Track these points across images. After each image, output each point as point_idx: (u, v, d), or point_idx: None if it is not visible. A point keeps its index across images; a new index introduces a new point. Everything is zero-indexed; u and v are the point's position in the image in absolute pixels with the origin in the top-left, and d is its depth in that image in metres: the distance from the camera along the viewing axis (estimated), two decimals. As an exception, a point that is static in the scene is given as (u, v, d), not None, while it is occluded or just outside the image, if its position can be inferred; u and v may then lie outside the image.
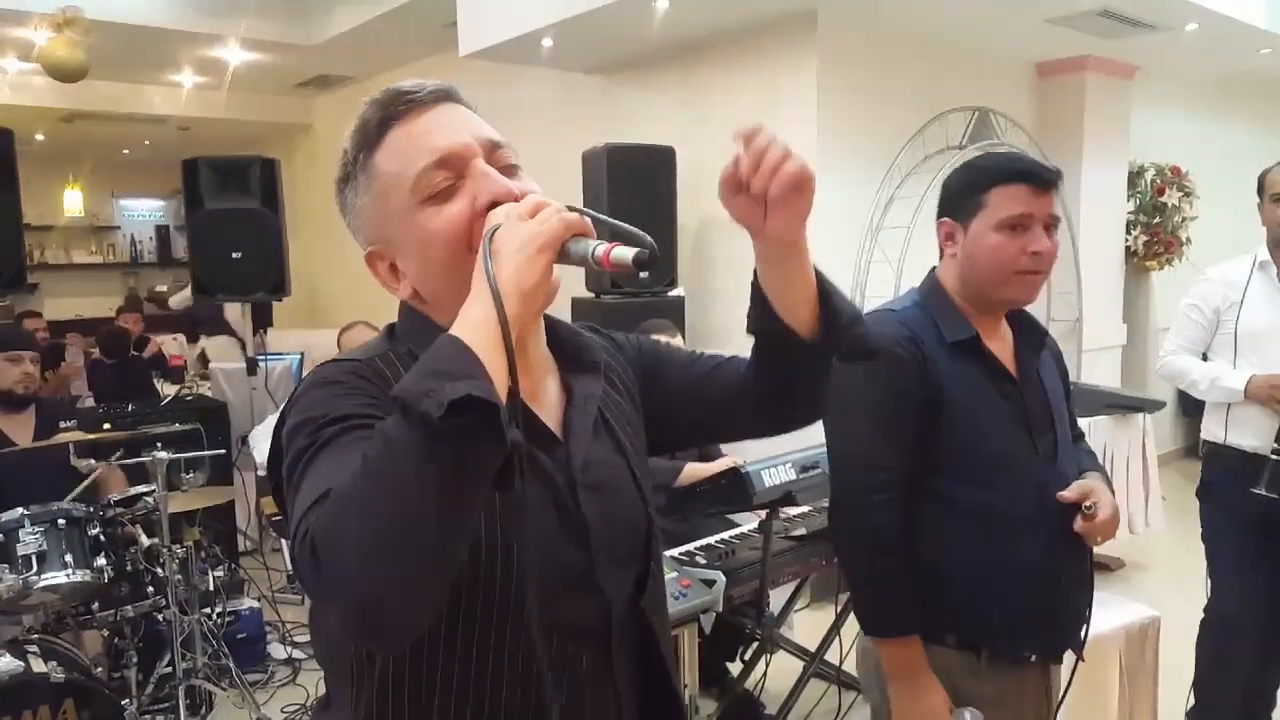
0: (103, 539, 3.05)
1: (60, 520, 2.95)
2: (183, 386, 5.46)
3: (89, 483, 3.43)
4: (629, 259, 0.86)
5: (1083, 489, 1.66)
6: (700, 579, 2.47)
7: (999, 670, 1.67)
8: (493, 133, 1.00)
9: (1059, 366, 1.86)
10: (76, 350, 6.16)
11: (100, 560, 3.00)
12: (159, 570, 3.17)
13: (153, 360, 6.71)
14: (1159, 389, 5.52)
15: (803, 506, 2.92)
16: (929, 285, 1.78)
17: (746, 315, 1.06)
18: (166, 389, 5.82)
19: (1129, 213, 6.19)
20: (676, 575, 2.44)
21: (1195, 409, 3.54)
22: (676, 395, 1.17)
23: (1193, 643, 2.95)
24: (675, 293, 4.76)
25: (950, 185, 1.75)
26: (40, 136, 9.04)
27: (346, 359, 0.99)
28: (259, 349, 5.37)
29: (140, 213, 11.46)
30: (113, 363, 6.19)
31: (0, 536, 2.88)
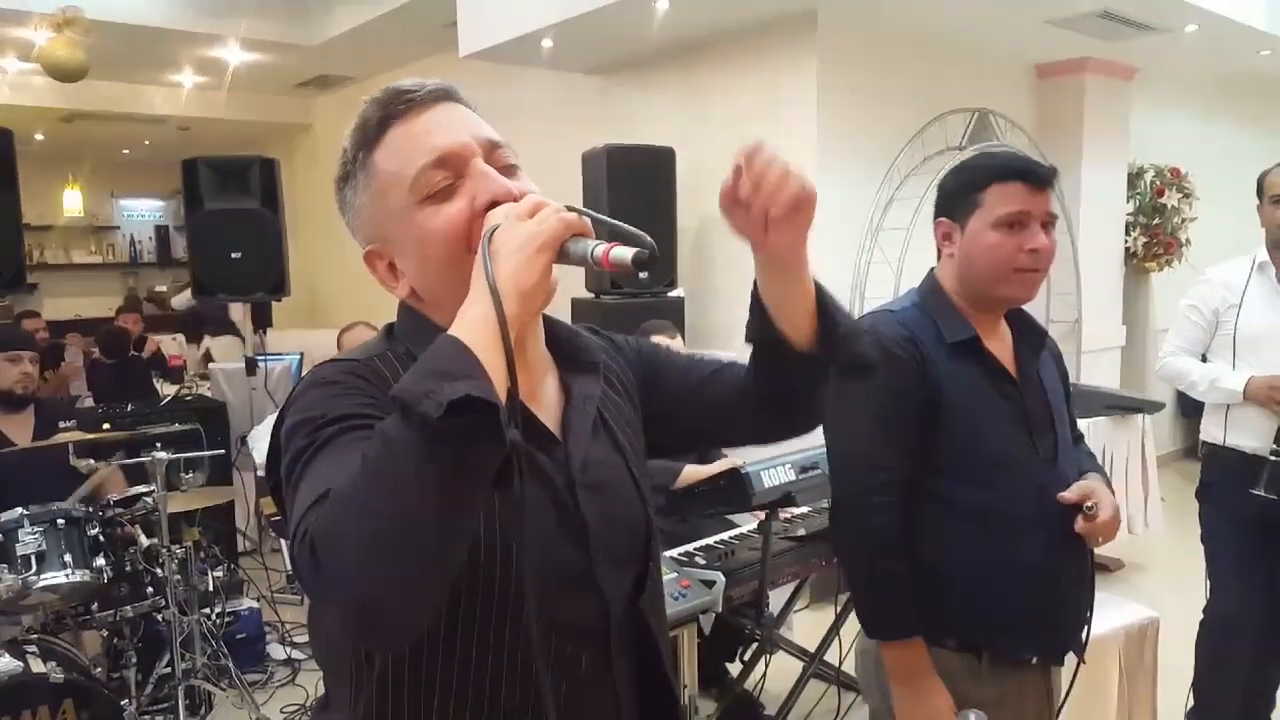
0: (102, 539, 3.05)
1: (59, 520, 2.95)
2: (182, 387, 5.46)
3: (91, 484, 3.44)
4: (628, 259, 0.86)
5: (1083, 490, 1.65)
6: (700, 579, 2.46)
7: (999, 672, 1.67)
8: (492, 132, 1.00)
9: (1059, 367, 1.85)
10: (76, 350, 6.15)
11: (99, 560, 3.00)
12: (158, 570, 3.17)
13: (152, 360, 6.71)
14: (1158, 390, 5.52)
15: (802, 507, 2.93)
16: (928, 286, 1.77)
17: (746, 325, 1.06)
18: (166, 389, 5.82)
19: (1128, 214, 6.19)
20: (676, 576, 2.44)
21: (1194, 410, 3.54)
22: (676, 398, 1.17)
23: (1192, 643, 2.94)
24: (675, 293, 4.77)
25: (946, 185, 1.75)
26: (40, 136, 9.05)
27: (345, 359, 0.99)
28: (258, 349, 5.37)
29: (140, 213, 11.46)
30: (112, 363, 6.19)
31: (0, 536, 2.88)
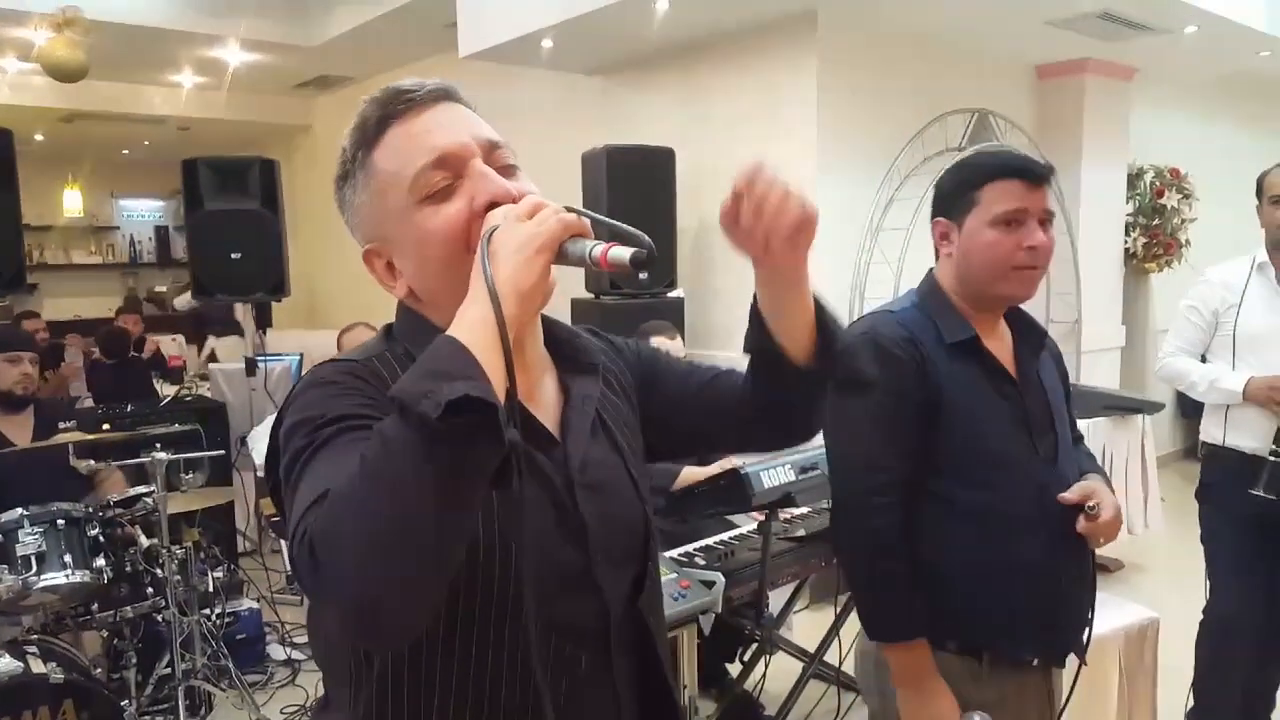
0: (102, 540, 3.05)
1: (59, 521, 2.95)
2: (182, 387, 5.46)
3: (93, 486, 3.44)
4: (626, 259, 0.86)
5: (1084, 490, 1.64)
6: (699, 580, 2.46)
7: (1000, 674, 1.66)
8: (491, 133, 1.00)
9: (1059, 368, 1.84)
10: (76, 351, 6.16)
11: (99, 561, 3.00)
12: (158, 571, 3.17)
13: (152, 361, 6.71)
14: (1158, 390, 5.52)
15: (802, 508, 2.93)
16: (927, 286, 1.77)
17: (744, 336, 1.07)
18: (165, 389, 5.82)
19: (1128, 214, 6.19)
20: (676, 576, 2.43)
21: (1194, 410, 3.54)
22: (675, 403, 1.17)
23: (1192, 644, 2.95)
24: (675, 294, 4.77)
25: (943, 185, 1.74)
26: (40, 136, 9.05)
27: (343, 359, 0.99)
28: (258, 350, 5.37)
29: (139, 213, 11.47)
30: (112, 363, 6.19)
31: (0, 536, 2.88)
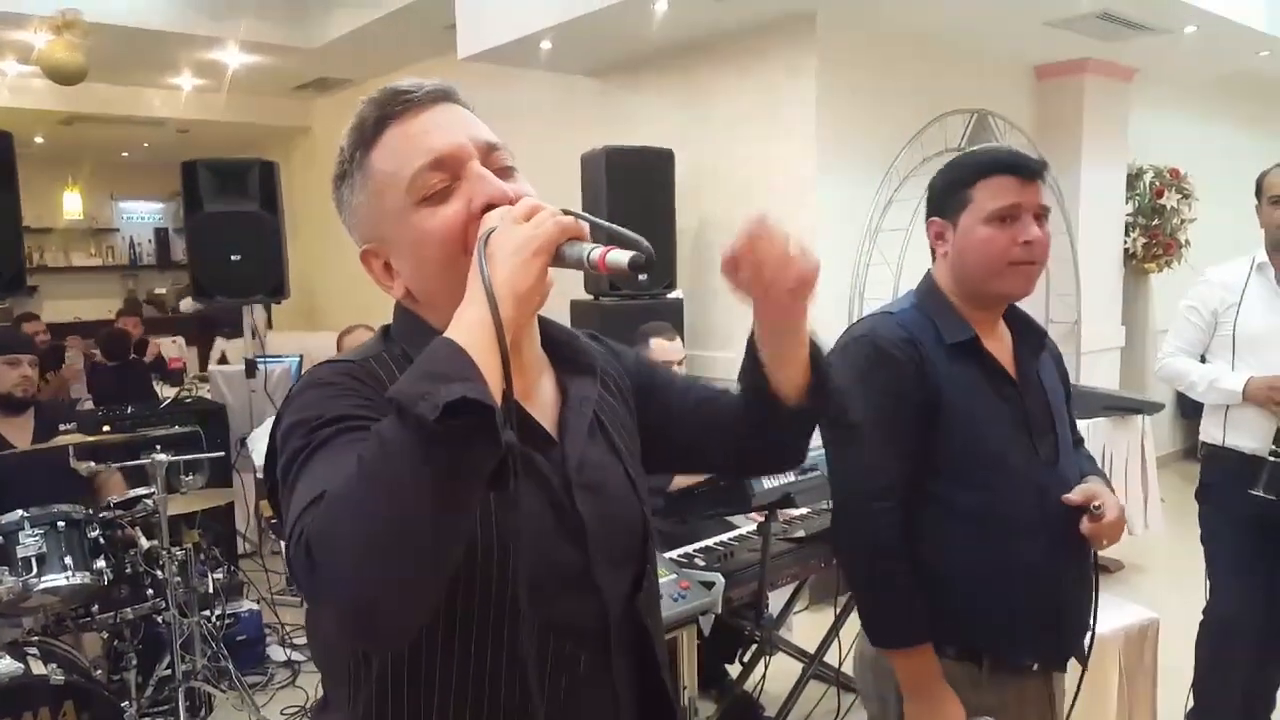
0: (102, 541, 3.05)
1: (60, 522, 2.95)
2: (182, 389, 5.46)
3: (92, 487, 3.44)
4: (624, 263, 0.86)
5: (1088, 492, 1.63)
6: (699, 581, 2.46)
7: (1000, 679, 1.65)
8: (489, 134, 1.00)
9: (1059, 368, 1.83)
10: (77, 353, 6.16)
11: (100, 562, 3.00)
12: (158, 572, 3.17)
13: (153, 363, 6.71)
14: (1158, 391, 5.52)
15: (801, 508, 2.92)
16: (925, 286, 1.76)
17: (739, 370, 1.10)
18: (165, 391, 5.82)
19: (1128, 215, 6.19)
20: (675, 577, 2.43)
21: (1194, 411, 3.54)
22: (674, 415, 1.18)
23: (1192, 644, 2.94)
24: (674, 295, 4.75)
25: (936, 184, 1.74)
26: (39, 139, 9.05)
27: (341, 360, 0.99)
28: (258, 351, 5.37)
29: (139, 215, 11.47)
30: (113, 365, 6.19)
31: (0, 538, 2.88)
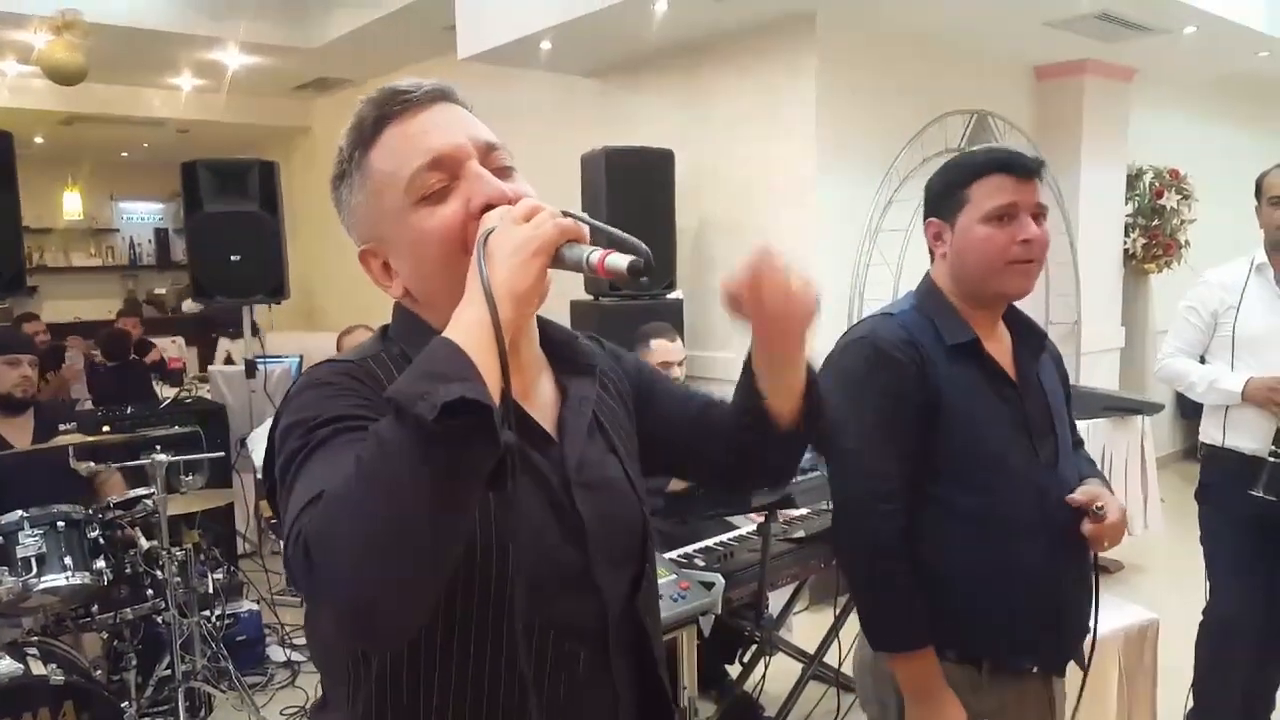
0: (102, 541, 3.05)
1: (60, 523, 2.95)
2: (182, 389, 5.46)
3: (91, 487, 3.44)
4: (623, 267, 0.86)
5: (1090, 493, 1.63)
6: (699, 581, 2.46)
7: (1000, 682, 1.64)
8: (488, 134, 1.00)
9: (1059, 370, 1.83)
10: (77, 353, 6.15)
11: (100, 563, 3.00)
12: (158, 573, 3.17)
13: (153, 363, 6.71)
14: (1157, 391, 5.51)
15: (801, 509, 2.92)
16: (925, 287, 1.76)
17: (735, 390, 1.12)
18: (165, 391, 5.82)
19: (1127, 215, 6.19)
20: (675, 578, 2.43)
21: (1194, 411, 3.54)
22: (675, 422, 1.19)
23: (1192, 645, 2.95)
24: (674, 295, 4.76)
25: (933, 185, 1.74)
26: (39, 139, 9.05)
27: (339, 360, 0.99)
28: (257, 352, 5.37)
29: (139, 215, 11.47)
30: (113, 365, 6.19)
31: (0, 539, 2.88)
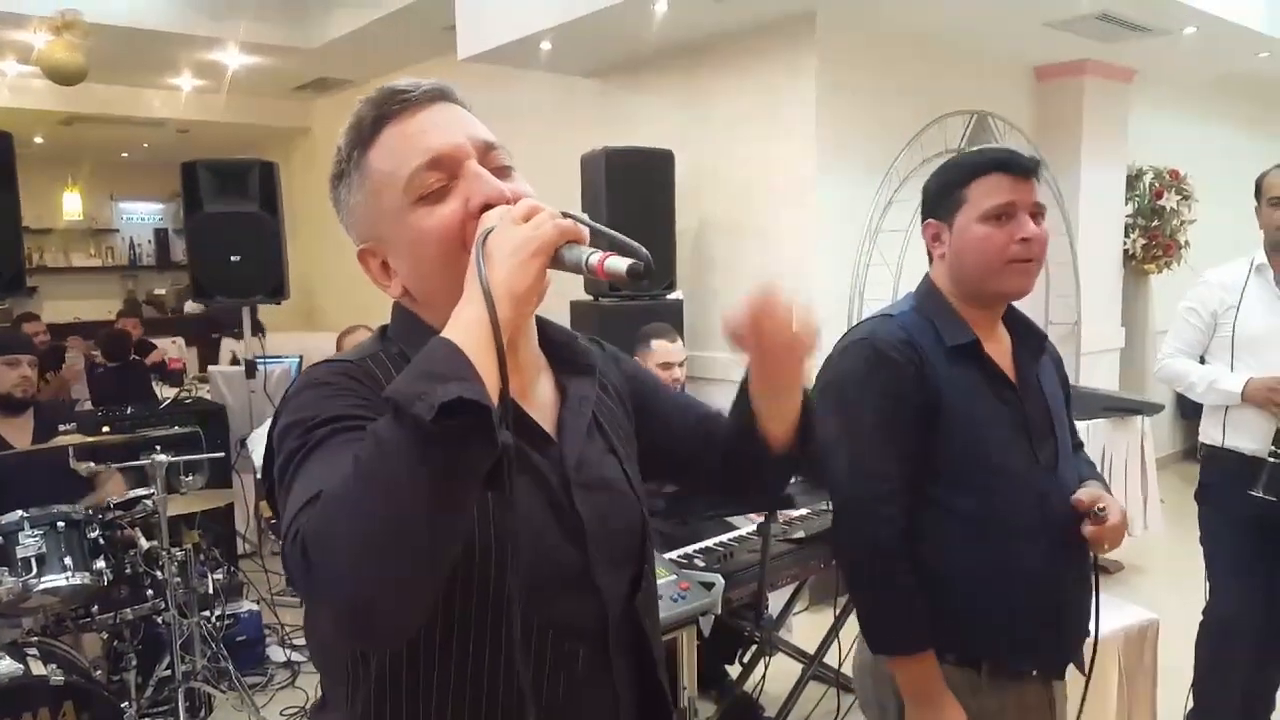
0: (102, 542, 3.05)
1: (60, 523, 2.95)
2: (181, 389, 5.46)
3: (91, 487, 3.44)
4: (623, 270, 0.86)
5: (1092, 495, 1.63)
6: (699, 582, 2.46)
7: (999, 685, 1.64)
8: (487, 133, 1.00)
9: (1059, 372, 1.82)
10: (77, 354, 6.15)
11: (100, 563, 2.99)
12: (158, 573, 3.17)
13: (153, 364, 6.71)
14: (1157, 392, 5.51)
15: (801, 509, 2.93)
16: (924, 288, 1.75)
17: (730, 410, 1.14)
18: (165, 392, 5.82)
19: (1127, 216, 6.19)
20: (675, 578, 2.43)
21: (1193, 412, 3.54)
22: (674, 430, 1.19)
23: (1192, 645, 2.95)
24: (674, 296, 4.76)
25: (930, 187, 1.74)
26: (39, 139, 9.06)
27: (338, 360, 0.99)
28: (257, 352, 5.37)
29: (139, 216, 11.48)
30: (113, 366, 6.19)
31: (0, 539, 2.88)
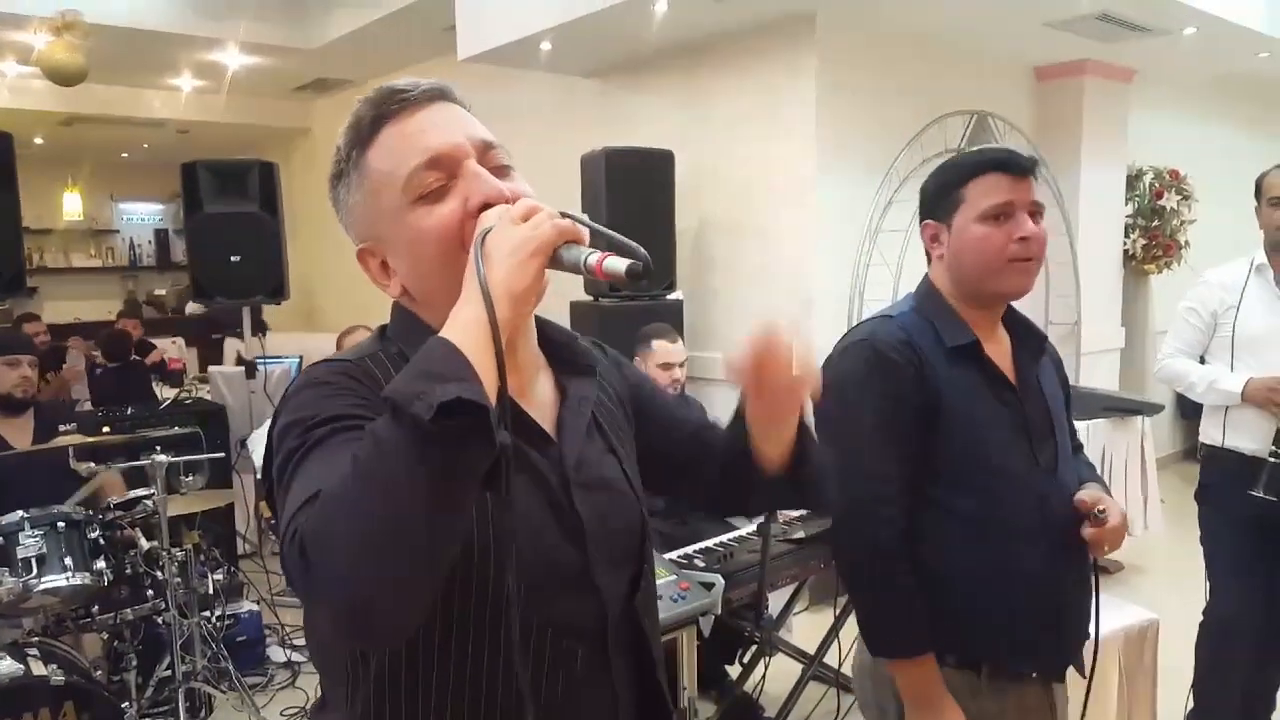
0: (102, 542, 3.05)
1: (60, 523, 2.95)
2: (181, 390, 5.46)
3: (91, 488, 3.44)
4: (622, 270, 0.86)
5: (1093, 496, 1.63)
6: (699, 582, 2.46)
7: (999, 687, 1.63)
8: (486, 133, 1.00)
9: (1059, 373, 1.82)
10: (78, 354, 6.16)
11: (100, 563, 2.99)
12: (158, 573, 3.17)
13: (153, 364, 6.72)
14: (1157, 392, 5.51)
15: (801, 509, 2.92)
16: (924, 289, 1.75)
17: (725, 431, 1.14)
18: (165, 392, 5.82)
19: (1127, 216, 6.19)
20: (675, 578, 2.43)
21: (1194, 412, 3.54)
22: (673, 436, 1.19)
23: (1192, 645, 2.95)
24: (674, 296, 4.76)
25: (927, 187, 1.73)
26: (39, 140, 9.06)
27: (337, 359, 0.99)
28: (257, 352, 5.37)
29: (139, 216, 11.48)
30: (113, 366, 6.19)
31: (0, 539, 2.88)
